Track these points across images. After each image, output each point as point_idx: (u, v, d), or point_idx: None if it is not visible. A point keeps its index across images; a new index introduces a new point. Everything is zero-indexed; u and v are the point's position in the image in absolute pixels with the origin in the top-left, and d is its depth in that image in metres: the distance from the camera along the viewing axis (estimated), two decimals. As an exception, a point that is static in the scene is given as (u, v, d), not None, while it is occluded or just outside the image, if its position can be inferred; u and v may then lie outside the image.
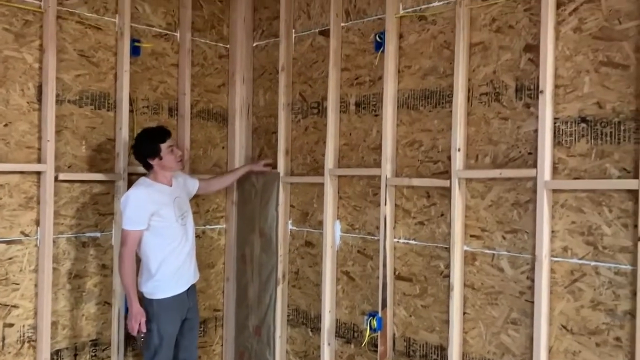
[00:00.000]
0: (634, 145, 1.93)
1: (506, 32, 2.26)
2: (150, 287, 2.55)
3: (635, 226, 1.91)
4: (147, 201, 2.51)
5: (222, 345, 3.35)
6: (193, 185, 2.87)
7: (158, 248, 2.55)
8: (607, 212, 2.00)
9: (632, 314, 1.92)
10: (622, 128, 1.97)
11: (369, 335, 2.62)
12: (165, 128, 2.67)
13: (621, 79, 1.98)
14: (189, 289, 2.66)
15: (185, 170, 3.00)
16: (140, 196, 2.51)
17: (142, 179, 2.61)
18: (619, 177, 1.97)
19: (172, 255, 2.57)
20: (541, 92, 2.11)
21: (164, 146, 2.57)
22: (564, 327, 2.09)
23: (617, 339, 1.97)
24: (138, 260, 2.57)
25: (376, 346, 2.64)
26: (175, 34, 3.10)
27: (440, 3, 2.46)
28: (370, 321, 2.61)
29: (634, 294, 1.91)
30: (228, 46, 3.35)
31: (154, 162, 2.57)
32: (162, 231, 2.55)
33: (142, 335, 2.52)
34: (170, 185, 2.64)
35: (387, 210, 2.57)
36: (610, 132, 2.00)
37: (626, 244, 1.95)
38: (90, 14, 2.75)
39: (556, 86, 2.12)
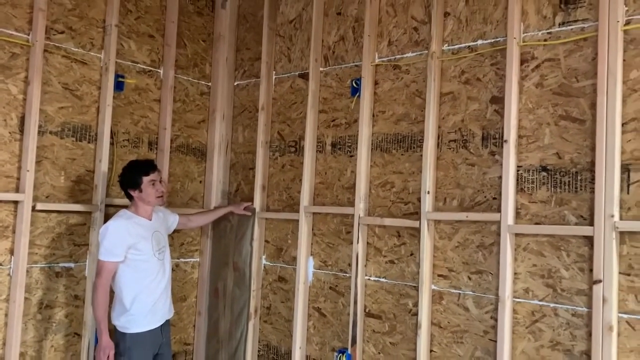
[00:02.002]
0: (590, 194, 2.07)
1: (474, 84, 2.42)
2: (124, 320, 2.52)
3: (591, 270, 2.04)
4: (125, 233, 2.52)
5: (191, 380, 3.34)
6: (173, 220, 2.90)
7: (133, 282, 2.53)
8: (565, 256, 2.12)
9: (587, 354, 2.03)
10: (579, 178, 2.12)
11: (338, 372, 2.67)
12: (153, 162, 2.71)
13: (578, 132, 2.13)
14: (163, 324, 2.65)
15: (162, 203, 3.05)
16: (119, 228, 2.52)
17: (123, 211, 2.62)
18: (576, 224, 2.11)
19: (148, 289, 2.56)
20: (505, 141, 2.25)
21: (146, 179, 2.59)
22: (525, 366, 2.18)
23: (575, 378, 2.07)
24: (112, 293, 2.57)
25: (345, 383, 2.69)
26: (159, 70, 3.19)
27: (414, 54, 2.61)
28: (340, 358, 2.66)
29: (589, 335, 2.02)
30: (210, 84, 3.45)
31: (134, 194, 2.59)
32: (139, 265, 2.54)
33: None
34: (150, 219, 2.66)
35: (359, 248, 2.66)
36: (569, 181, 2.14)
37: (582, 287, 2.07)
38: (77, 49, 2.82)
39: (519, 136, 2.26)
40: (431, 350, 2.43)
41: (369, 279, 2.67)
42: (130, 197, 2.63)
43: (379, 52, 2.73)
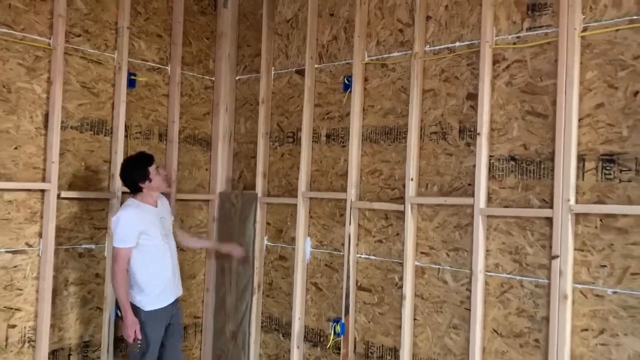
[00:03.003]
0: (551, 181, 2.36)
1: (452, 82, 2.69)
2: (139, 300, 2.79)
3: (551, 247, 2.34)
4: (136, 221, 2.76)
5: (200, 349, 3.67)
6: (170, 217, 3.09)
7: (145, 265, 2.78)
8: (530, 235, 2.43)
9: (547, 319, 2.34)
10: (542, 166, 2.41)
11: (333, 339, 3.00)
12: (147, 153, 2.93)
13: (542, 126, 2.42)
14: (175, 300, 2.94)
15: (172, 190, 3.35)
16: (130, 216, 2.74)
17: (130, 200, 2.85)
18: (539, 207, 2.40)
19: (159, 271, 2.84)
20: (479, 134, 2.54)
21: (151, 169, 2.83)
22: (495, 331, 2.50)
23: (536, 340, 2.38)
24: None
25: (339, 349, 3.01)
26: (167, 67, 3.46)
27: (399, 54, 2.89)
28: (334, 327, 2.98)
29: (549, 303, 2.33)
30: (213, 79, 3.72)
31: (144, 185, 2.82)
32: (149, 249, 2.79)
33: (139, 341, 2.76)
34: (156, 206, 2.91)
35: (351, 229, 2.97)
36: (533, 170, 2.43)
37: (544, 261, 2.38)
38: (93, 50, 3.09)
39: (491, 129, 2.55)
40: (415, 319, 2.75)
41: (360, 257, 2.98)
42: (138, 190, 2.83)
43: (368, 52, 3.01)
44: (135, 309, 2.80)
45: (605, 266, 2.22)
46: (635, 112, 2.18)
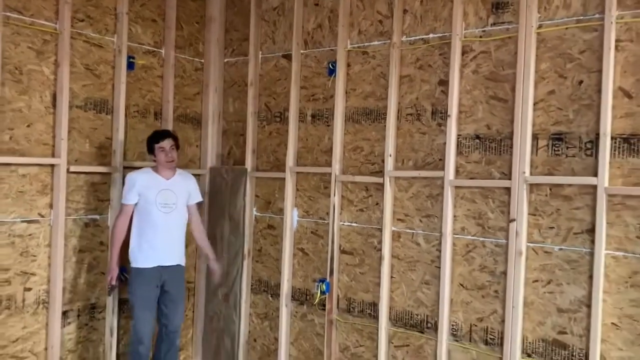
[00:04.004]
0: (509, 156, 2.77)
1: (426, 69, 3.06)
2: (130, 256, 3.20)
3: (508, 212, 2.76)
4: (137, 183, 3.16)
5: (193, 311, 3.99)
6: (192, 199, 3.38)
7: (136, 225, 3.19)
8: (491, 202, 2.84)
9: (505, 273, 2.77)
10: (502, 144, 2.81)
11: (319, 297, 3.37)
12: (166, 132, 3.30)
13: (503, 109, 2.81)
14: (167, 267, 3.23)
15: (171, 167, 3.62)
16: (132, 177, 3.18)
17: (146, 168, 3.28)
18: (499, 178, 2.81)
19: (147, 234, 3.17)
20: (449, 115, 2.92)
21: (157, 146, 3.22)
22: (461, 284, 2.92)
23: (496, 291, 2.81)
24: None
25: (324, 305, 3.39)
26: (161, 50, 3.70)
27: (379, 43, 3.22)
28: (320, 286, 3.36)
29: (507, 259, 2.76)
30: (203, 61, 3.98)
31: (152, 157, 3.26)
32: (143, 212, 3.18)
33: (114, 287, 3.22)
34: (167, 180, 3.24)
35: (335, 200, 3.33)
36: (495, 147, 2.83)
37: (502, 225, 2.80)
38: (95, 34, 3.31)
39: (460, 112, 2.93)
40: (391, 277, 3.15)
41: (343, 224, 3.35)
42: (154, 160, 3.27)
43: (351, 40, 3.33)
44: (129, 265, 3.22)
45: (553, 227, 2.65)
46: (580, 98, 2.59)
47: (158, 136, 3.24)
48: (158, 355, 3.34)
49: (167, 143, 3.23)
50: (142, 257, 3.19)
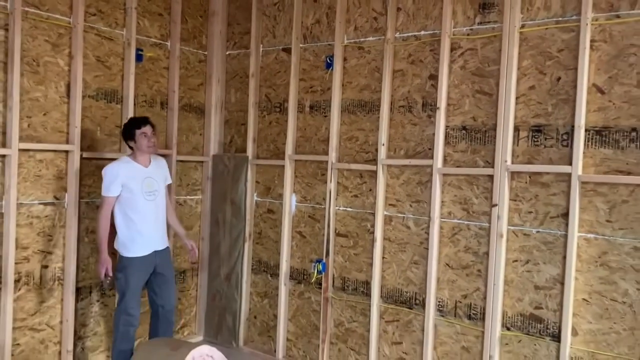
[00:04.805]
0: (493, 147, 3.00)
1: (417, 64, 3.27)
2: (118, 246, 3.23)
3: (491, 198, 2.99)
4: (119, 174, 3.13)
5: (197, 290, 4.23)
6: (166, 181, 3.42)
7: (123, 216, 3.19)
8: (475, 189, 3.07)
9: (487, 253, 3.01)
10: (487, 135, 3.04)
11: (316, 277, 3.61)
12: (146, 118, 3.26)
13: (488, 102, 3.04)
14: (160, 252, 3.34)
15: (170, 154, 3.83)
16: (114, 169, 3.14)
17: (123, 157, 3.29)
18: (483, 167, 3.04)
19: (136, 224, 3.19)
20: (438, 108, 3.14)
21: (138, 132, 3.18)
22: (447, 264, 3.16)
23: (479, 270, 3.06)
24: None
25: (320, 285, 3.63)
26: (167, 43, 3.90)
27: (374, 38, 3.43)
28: (317, 266, 3.59)
29: (489, 241, 3.00)
30: (206, 53, 4.18)
31: (132, 144, 3.22)
32: (128, 202, 3.17)
33: (108, 278, 3.21)
34: (146, 167, 3.25)
35: (332, 186, 3.56)
36: (480, 137, 3.06)
37: (486, 209, 3.03)
38: (105, 28, 3.51)
39: (448, 104, 3.15)
40: (383, 257, 3.39)
41: (338, 209, 3.58)
42: (130, 147, 3.28)
43: (347, 35, 3.54)
44: (119, 255, 3.27)
45: (531, 212, 2.89)
46: (558, 94, 2.82)
47: (139, 122, 3.23)
48: (155, 333, 3.47)
49: (148, 129, 3.23)
50: (136, 246, 3.23)
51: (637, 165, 2.60)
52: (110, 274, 3.20)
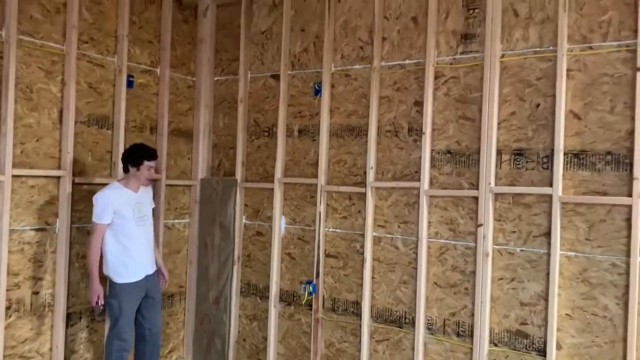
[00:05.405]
0: (477, 169, 3.14)
1: (403, 91, 3.42)
2: (110, 272, 3.26)
3: (477, 218, 3.12)
4: (112, 201, 3.17)
5: (184, 314, 4.24)
6: (152, 206, 3.51)
7: (116, 242, 3.21)
8: (461, 210, 3.20)
9: (474, 272, 3.13)
10: (471, 158, 3.18)
11: (307, 298, 3.67)
12: (154, 150, 3.36)
13: (471, 127, 3.19)
14: (150, 276, 3.40)
15: (159, 176, 3.87)
16: (107, 196, 3.18)
17: (114, 183, 3.32)
18: (468, 189, 3.18)
19: (128, 249, 3.23)
20: (424, 133, 3.28)
21: (147, 163, 3.28)
22: (435, 283, 3.27)
23: (466, 289, 3.17)
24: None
25: (311, 306, 3.70)
26: (157, 69, 3.97)
27: (360, 66, 3.58)
28: (307, 287, 3.66)
29: (475, 260, 3.12)
30: (195, 79, 4.26)
31: (132, 170, 3.27)
32: (120, 228, 3.20)
33: (101, 306, 3.21)
34: (136, 192, 3.31)
35: (321, 208, 3.65)
36: (464, 160, 3.21)
37: (471, 229, 3.16)
38: (97, 55, 3.56)
39: (433, 129, 3.29)
40: (373, 277, 3.48)
41: (328, 230, 3.67)
42: (126, 170, 3.32)
43: (335, 63, 3.67)
44: (110, 282, 3.29)
45: (515, 231, 3.03)
46: (538, 119, 2.99)
47: (150, 154, 3.32)
48: (142, 357, 3.48)
49: (154, 163, 3.34)
50: (129, 272, 3.26)
51: (613, 187, 2.77)
52: (103, 302, 3.21)
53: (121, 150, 3.63)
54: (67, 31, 3.35)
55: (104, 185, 3.58)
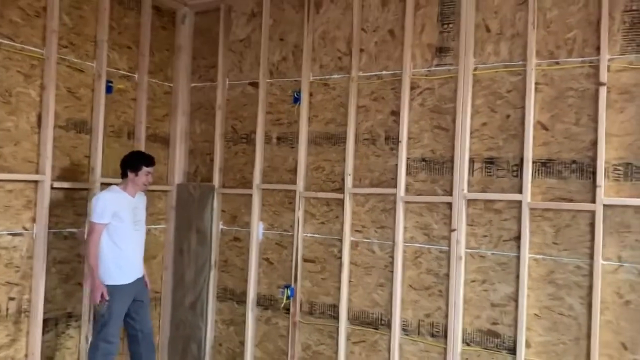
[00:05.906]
0: (450, 176, 3.29)
1: (380, 101, 3.54)
2: (103, 274, 3.30)
3: (450, 223, 3.27)
4: (112, 202, 3.25)
5: (159, 320, 4.23)
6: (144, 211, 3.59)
7: (111, 244, 3.26)
8: (435, 215, 3.34)
9: (447, 275, 3.27)
10: (445, 166, 3.33)
11: (285, 302, 3.74)
12: (153, 157, 3.46)
13: (445, 137, 3.34)
14: (140, 279, 3.45)
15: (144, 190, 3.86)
16: (108, 198, 3.27)
17: (113, 186, 3.39)
18: (442, 195, 3.32)
19: (122, 252, 3.29)
20: (400, 141, 3.41)
21: (145, 169, 3.37)
22: (410, 286, 3.40)
23: (440, 291, 3.30)
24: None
25: (288, 310, 3.76)
26: (135, 75, 3.98)
27: (339, 76, 3.69)
28: (285, 291, 3.73)
29: (449, 263, 3.26)
30: (172, 85, 4.28)
31: (131, 175, 3.36)
32: (117, 231, 3.27)
33: (105, 303, 3.23)
34: (133, 197, 3.41)
35: (299, 214, 3.73)
36: (438, 168, 3.35)
37: (445, 234, 3.30)
38: (76, 60, 3.56)
39: (409, 138, 3.43)
40: (350, 281, 3.58)
41: (306, 235, 3.75)
42: (125, 175, 3.39)
43: (313, 72, 3.77)
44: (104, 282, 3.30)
45: (486, 236, 3.19)
46: (508, 129, 3.16)
47: (150, 161, 3.41)
48: (138, 358, 3.52)
49: (153, 169, 3.45)
50: (123, 274, 3.31)
51: (578, 193, 2.95)
52: (107, 297, 3.22)
53: (99, 155, 3.64)
54: (47, 35, 3.34)
55: (81, 190, 3.60)
